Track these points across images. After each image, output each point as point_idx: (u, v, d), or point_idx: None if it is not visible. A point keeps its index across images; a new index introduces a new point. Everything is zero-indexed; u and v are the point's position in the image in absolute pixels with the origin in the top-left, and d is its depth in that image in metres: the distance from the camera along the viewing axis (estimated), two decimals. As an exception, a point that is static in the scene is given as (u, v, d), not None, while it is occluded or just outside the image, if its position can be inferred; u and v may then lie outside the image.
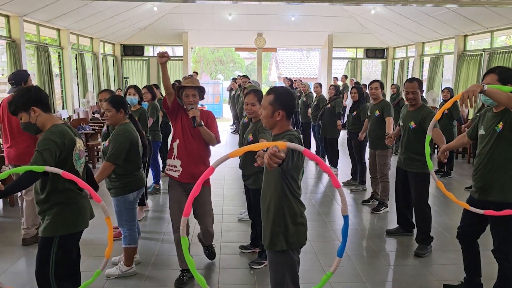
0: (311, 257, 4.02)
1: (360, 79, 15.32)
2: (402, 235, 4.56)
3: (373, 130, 5.37)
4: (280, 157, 1.75)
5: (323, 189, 6.69)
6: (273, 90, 2.44)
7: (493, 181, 2.88)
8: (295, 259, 2.44)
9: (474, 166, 3.06)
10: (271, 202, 2.39)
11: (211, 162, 2.19)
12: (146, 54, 14.97)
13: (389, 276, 3.77)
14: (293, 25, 13.76)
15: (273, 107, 2.36)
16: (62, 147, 2.42)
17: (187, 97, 3.32)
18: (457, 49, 10.92)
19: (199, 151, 3.38)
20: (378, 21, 12.84)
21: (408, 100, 4.13)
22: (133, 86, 5.36)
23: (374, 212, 5.34)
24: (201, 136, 3.35)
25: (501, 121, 2.83)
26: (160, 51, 3.20)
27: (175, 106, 3.37)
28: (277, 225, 2.37)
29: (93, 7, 9.46)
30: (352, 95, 6.51)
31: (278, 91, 2.43)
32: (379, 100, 5.37)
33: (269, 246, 2.42)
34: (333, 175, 1.74)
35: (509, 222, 2.87)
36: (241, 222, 4.96)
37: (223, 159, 1.78)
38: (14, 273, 3.69)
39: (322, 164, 1.74)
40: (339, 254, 1.95)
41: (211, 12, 12.95)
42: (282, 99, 2.37)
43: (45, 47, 9.36)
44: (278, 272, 2.42)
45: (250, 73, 27.84)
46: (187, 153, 3.36)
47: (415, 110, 4.14)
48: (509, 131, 2.81)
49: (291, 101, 2.41)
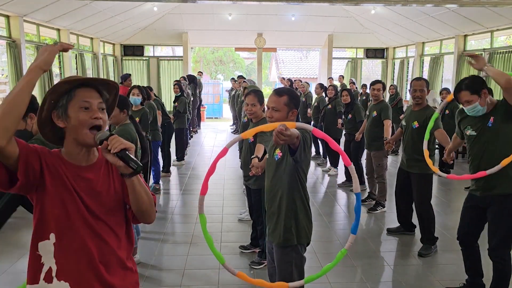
0: (311, 257, 4.01)
1: (360, 79, 15.32)
2: (403, 234, 4.56)
3: (369, 131, 5.37)
4: (286, 134, 1.82)
5: (323, 189, 6.69)
6: (284, 91, 2.52)
7: (494, 176, 2.89)
8: (303, 255, 2.50)
9: (471, 166, 3.07)
10: (283, 197, 2.42)
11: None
12: (146, 54, 14.96)
13: (389, 276, 3.77)
14: (293, 25, 13.75)
15: (289, 107, 2.44)
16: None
17: (86, 110, 1.50)
18: (457, 49, 10.91)
19: (119, 248, 1.55)
20: (378, 21, 12.84)
21: (415, 98, 4.09)
22: (136, 86, 5.37)
23: (370, 212, 5.35)
24: (116, 210, 1.56)
25: (491, 116, 2.89)
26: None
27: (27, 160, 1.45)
28: (289, 220, 2.42)
29: (93, 7, 9.45)
30: (344, 97, 6.49)
31: (290, 91, 2.53)
32: (378, 101, 5.36)
33: (281, 242, 2.44)
34: (343, 153, 1.84)
35: (509, 220, 2.88)
36: (241, 222, 4.96)
37: (236, 139, 1.95)
38: (14, 273, 3.69)
39: (331, 143, 1.82)
40: (353, 231, 2.03)
41: (211, 12, 12.95)
42: (295, 99, 2.48)
43: (45, 47, 9.36)
44: (287, 269, 2.45)
45: (250, 73, 27.87)
46: (87, 261, 1.47)
47: (419, 110, 4.12)
48: (501, 121, 2.85)
49: (299, 100, 2.57)
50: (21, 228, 4.83)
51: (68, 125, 1.48)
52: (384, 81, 15.41)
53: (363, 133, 6.16)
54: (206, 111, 16.74)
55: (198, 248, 4.16)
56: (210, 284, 3.53)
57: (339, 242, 4.48)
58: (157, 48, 16.17)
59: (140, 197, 1.49)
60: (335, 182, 6.93)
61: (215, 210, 5.38)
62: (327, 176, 7.36)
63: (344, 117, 6.61)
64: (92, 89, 1.53)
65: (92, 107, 1.49)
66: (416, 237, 4.49)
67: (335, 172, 7.36)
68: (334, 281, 3.56)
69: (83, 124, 1.46)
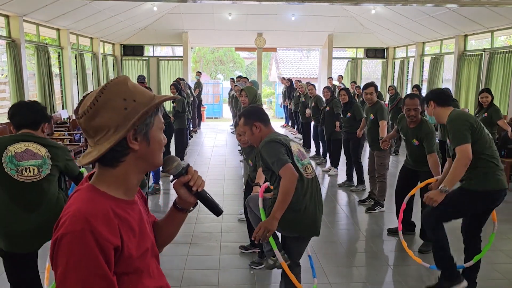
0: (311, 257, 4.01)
1: (360, 79, 15.30)
2: (404, 234, 4.55)
3: (370, 133, 5.41)
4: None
5: (324, 189, 6.68)
6: (240, 115, 2.77)
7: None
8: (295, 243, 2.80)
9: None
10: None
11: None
12: (146, 54, 14.96)
13: (389, 276, 3.76)
14: (293, 25, 13.75)
15: (249, 125, 2.66)
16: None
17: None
18: (458, 49, 10.90)
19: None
20: (378, 21, 12.84)
21: (409, 117, 4.10)
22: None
23: (368, 212, 5.34)
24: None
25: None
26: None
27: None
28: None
29: (92, 7, 9.45)
30: (342, 97, 6.49)
31: (243, 113, 2.76)
32: (373, 103, 5.38)
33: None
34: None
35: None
36: (241, 222, 4.95)
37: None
38: (14, 274, 3.67)
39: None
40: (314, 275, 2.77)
41: (211, 12, 12.94)
42: (250, 114, 2.65)
43: (45, 47, 9.35)
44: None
45: (250, 73, 27.85)
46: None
47: (415, 127, 4.15)
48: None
49: (257, 111, 2.68)
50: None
51: (146, 148, 1.13)
52: (384, 81, 15.42)
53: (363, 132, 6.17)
54: (206, 111, 16.75)
55: (198, 249, 4.15)
56: (210, 284, 3.53)
57: (340, 243, 4.47)
58: (157, 48, 16.16)
59: (178, 231, 1.40)
60: (335, 182, 6.92)
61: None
62: (327, 176, 7.35)
63: (342, 116, 6.61)
64: None
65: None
66: (416, 236, 4.48)
67: (335, 172, 7.35)
68: (334, 281, 3.55)
69: (161, 146, 1.19)
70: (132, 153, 1.11)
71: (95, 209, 1.03)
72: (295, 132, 11.49)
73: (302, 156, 2.64)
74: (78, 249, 0.98)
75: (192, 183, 1.24)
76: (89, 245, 0.99)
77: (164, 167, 1.26)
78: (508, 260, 4.06)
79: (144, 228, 1.18)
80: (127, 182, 1.13)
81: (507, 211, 5.50)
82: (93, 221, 1.00)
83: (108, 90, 1.08)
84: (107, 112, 1.07)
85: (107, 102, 1.07)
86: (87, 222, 1.00)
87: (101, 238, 1.00)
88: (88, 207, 1.03)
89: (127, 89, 1.10)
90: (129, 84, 1.11)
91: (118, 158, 1.10)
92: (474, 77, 10.30)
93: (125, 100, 1.08)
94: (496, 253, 4.17)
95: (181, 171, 1.25)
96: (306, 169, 2.61)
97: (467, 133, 2.96)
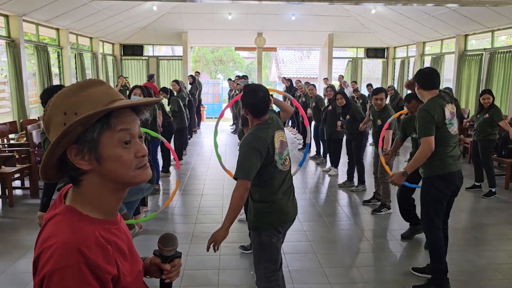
0: (311, 257, 4.00)
1: (360, 79, 15.30)
2: (418, 233, 4.49)
3: (376, 138, 5.42)
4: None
5: (324, 189, 6.66)
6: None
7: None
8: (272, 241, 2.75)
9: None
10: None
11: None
12: (145, 53, 14.94)
13: (390, 276, 3.75)
14: (293, 25, 13.73)
15: (242, 106, 2.62)
16: None
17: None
18: (458, 48, 10.89)
19: None
20: (379, 20, 12.82)
21: (413, 113, 4.25)
22: (138, 86, 5.35)
23: (374, 213, 5.32)
24: None
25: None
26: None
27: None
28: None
29: (92, 6, 9.44)
30: (339, 101, 6.47)
31: (243, 91, 2.68)
32: (382, 108, 5.37)
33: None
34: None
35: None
36: (241, 222, 4.94)
37: None
38: (14, 274, 3.67)
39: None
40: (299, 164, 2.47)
41: (211, 12, 12.93)
42: (243, 99, 2.62)
43: (45, 46, 9.34)
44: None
45: (250, 73, 27.83)
46: None
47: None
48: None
49: (250, 99, 2.56)
50: (21, 228, 4.82)
51: (100, 168, 0.96)
52: (385, 80, 15.41)
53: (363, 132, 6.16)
54: (206, 111, 16.73)
55: (198, 248, 4.14)
56: (210, 284, 3.52)
57: (340, 243, 4.46)
58: (157, 47, 16.15)
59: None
60: (336, 182, 6.90)
61: (215, 210, 5.36)
62: (327, 176, 7.33)
63: (342, 119, 6.60)
64: (130, 111, 1.00)
65: (134, 140, 0.99)
66: (419, 237, 4.46)
67: (336, 172, 7.34)
68: (334, 281, 3.54)
69: (125, 163, 0.97)
70: (91, 172, 0.96)
71: (86, 237, 0.90)
72: (295, 132, 11.48)
73: (283, 148, 2.63)
74: (74, 286, 0.85)
75: (166, 274, 1.15)
76: (87, 279, 0.86)
77: (163, 244, 1.18)
78: (509, 260, 4.04)
79: (132, 248, 1.08)
80: (102, 203, 0.99)
81: (507, 211, 5.49)
82: (87, 252, 0.87)
83: (52, 104, 0.95)
84: (53, 129, 0.95)
85: (51, 119, 0.96)
86: (80, 253, 0.86)
87: (98, 270, 0.88)
88: (78, 236, 0.89)
89: (71, 101, 0.94)
90: (80, 94, 0.94)
91: (75, 177, 0.97)
92: (475, 77, 10.29)
93: (65, 115, 0.93)
94: (497, 253, 4.16)
95: (170, 256, 1.18)
96: (284, 162, 2.62)
97: (432, 125, 3.13)
